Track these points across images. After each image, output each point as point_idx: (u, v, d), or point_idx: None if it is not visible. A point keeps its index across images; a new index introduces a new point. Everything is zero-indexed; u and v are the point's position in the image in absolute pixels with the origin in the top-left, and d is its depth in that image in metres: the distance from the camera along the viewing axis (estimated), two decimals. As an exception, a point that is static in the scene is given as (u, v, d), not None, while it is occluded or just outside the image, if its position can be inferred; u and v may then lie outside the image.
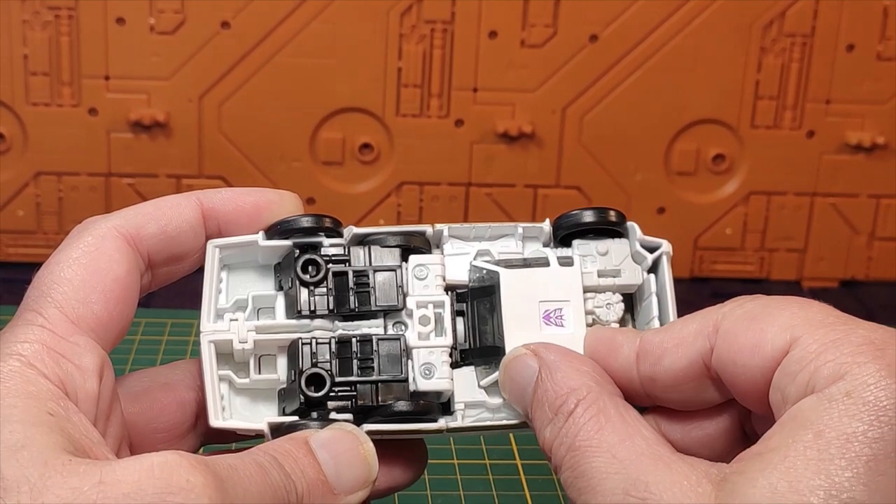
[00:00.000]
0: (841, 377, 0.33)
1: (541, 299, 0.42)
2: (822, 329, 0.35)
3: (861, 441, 0.32)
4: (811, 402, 0.33)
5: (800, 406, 0.34)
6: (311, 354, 0.41)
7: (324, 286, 0.42)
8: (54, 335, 0.38)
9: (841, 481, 0.32)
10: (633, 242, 0.43)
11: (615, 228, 0.43)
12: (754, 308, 0.38)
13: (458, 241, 0.44)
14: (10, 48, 0.87)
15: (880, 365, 0.33)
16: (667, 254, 0.43)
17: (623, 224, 0.43)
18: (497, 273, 0.42)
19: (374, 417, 0.41)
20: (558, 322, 0.42)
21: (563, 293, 0.42)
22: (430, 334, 0.42)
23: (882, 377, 0.33)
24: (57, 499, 0.32)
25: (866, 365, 0.33)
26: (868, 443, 0.32)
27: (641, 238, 0.43)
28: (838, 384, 0.33)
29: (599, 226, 0.43)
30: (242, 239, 0.43)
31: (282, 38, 0.89)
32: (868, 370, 0.33)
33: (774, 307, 0.37)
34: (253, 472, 0.36)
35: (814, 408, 0.33)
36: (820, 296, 0.95)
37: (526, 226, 0.44)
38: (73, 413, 0.36)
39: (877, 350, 0.34)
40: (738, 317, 0.38)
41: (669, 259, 0.43)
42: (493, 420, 0.42)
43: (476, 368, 0.43)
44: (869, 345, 0.34)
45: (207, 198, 0.43)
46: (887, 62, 0.92)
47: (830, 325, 0.35)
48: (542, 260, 0.43)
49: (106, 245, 0.40)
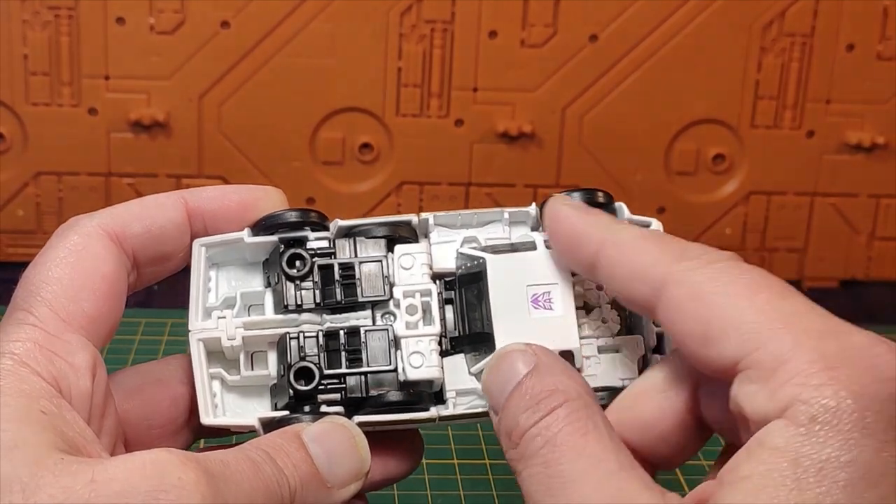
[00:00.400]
0: (803, 400, 0.33)
1: (528, 283, 0.42)
2: (777, 339, 0.34)
3: (835, 466, 0.32)
4: (778, 428, 0.33)
5: (767, 431, 0.33)
6: (298, 348, 0.42)
7: (310, 280, 0.42)
8: (46, 333, 0.38)
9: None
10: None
11: (603, 209, 0.43)
12: (700, 285, 0.36)
13: (445, 229, 0.44)
14: (10, 48, 0.87)
15: (837, 386, 0.33)
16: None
17: (611, 205, 0.44)
18: (483, 259, 0.42)
19: (365, 409, 0.41)
20: (547, 305, 0.42)
21: (551, 276, 0.42)
22: (417, 323, 0.42)
23: (841, 398, 0.32)
24: (49, 498, 0.32)
25: (823, 387, 0.33)
26: (842, 467, 0.32)
27: (630, 217, 0.43)
28: (801, 408, 0.32)
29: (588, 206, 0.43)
30: (228, 237, 0.43)
31: (282, 38, 0.89)
32: (826, 392, 0.32)
33: (720, 293, 0.36)
34: (245, 467, 0.36)
35: (781, 433, 0.33)
36: (820, 296, 0.96)
37: (512, 210, 0.44)
38: (66, 411, 0.36)
39: (832, 369, 0.33)
40: (684, 296, 0.36)
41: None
42: (484, 407, 0.42)
43: (466, 356, 0.43)
44: (824, 361, 0.33)
45: (193, 196, 0.43)
46: (887, 62, 0.92)
47: (785, 330, 0.34)
48: (529, 244, 0.43)
49: (92, 243, 0.40)
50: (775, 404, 0.33)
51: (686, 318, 0.36)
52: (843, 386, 0.33)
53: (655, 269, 0.37)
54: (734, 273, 0.36)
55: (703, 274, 0.36)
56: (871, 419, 0.32)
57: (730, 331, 0.35)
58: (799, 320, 0.35)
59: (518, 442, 0.36)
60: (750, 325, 0.35)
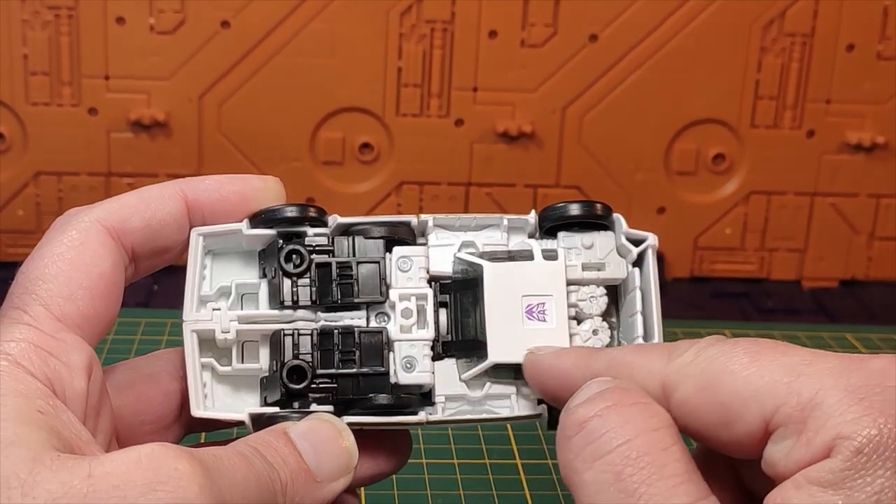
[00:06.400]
0: (844, 436, 0.32)
1: (524, 293, 0.42)
2: (797, 390, 0.33)
3: (891, 495, 0.31)
4: (825, 465, 0.32)
5: (814, 468, 0.32)
6: (292, 346, 0.42)
7: (307, 277, 0.42)
8: (41, 333, 0.38)
9: None
10: (619, 236, 0.43)
11: (601, 222, 0.43)
12: (700, 376, 0.35)
13: (443, 231, 0.44)
14: (10, 48, 0.87)
15: (874, 414, 0.32)
16: (652, 247, 0.43)
17: (609, 217, 0.43)
18: (481, 266, 0.42)
19: (354, 409, 0.42)
20: (541, 317, 0.42)
21: (547, 287, 0.42)
22: (412, 327, 0.42)
23: (881, 425, 0.32)
24: (47, 494, 0.32)
25: (861, 419, 0.32)
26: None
27: (627, 231, 0.43)
28: (844, 443, 0.32)
29: (585, 219, 0.43)
30: (226, 227, 0.42)
31: (282, 38, 0.89)
32: (865, 423, 0.32)
33: (723, 373, 0.35)
34: (237, 461, 0.36)
35: (830, 469, 0.32)
36: (820, 296, 0.96)
37: (511, 217, 0.44)
38: (62, 411, 0.36)
39: (862, 400, 0.33)
40: (689, 393, 0.35)
41: (655, 252, 0.43)
42: (472, 413, 0.43)
43: (458, 361, 0.43)
44: (852, 394, 0.33)
45: (191, 188, 0.42)
46: (887, 62, 0.92)
47: (801, 380, 0.34)
48: (527, 253, 0.43)
49: (90, 240, 0.40)
50: (816, 449, 0.32)
51: (700, 413, 0.35)
52: (879, 413, 0.32)
53: (652, 382, 0.36)
54: (727, 351, 0.35)
55: (698, 365, 0.35)
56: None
57: (746, 403, 0.34)
58: (809, 367, 0.34)
59: (578, 431, 0.34)
60: (764, 388, 0.34)
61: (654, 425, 0.34)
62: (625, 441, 0.33)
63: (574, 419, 0.35)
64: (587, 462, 0.34)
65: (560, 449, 0.35)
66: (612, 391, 0.35)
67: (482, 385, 0.42)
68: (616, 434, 0.34)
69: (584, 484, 0.34)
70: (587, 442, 0.34)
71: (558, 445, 0.35)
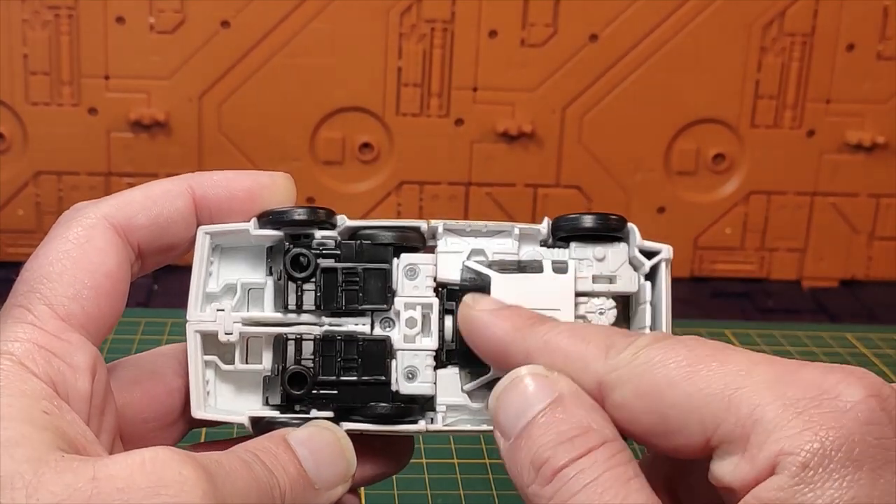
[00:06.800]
0: (788, 452, 0.32)
1: (531, 306, 0.41)
2: (736, 407, 0.34)
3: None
4: (774, 483, 0.32)
5: (763, 487, 0.33)
6: (295, 351, 0.42)
7: (312, 282, 0.42)
8: (45, 333, 0.37)
9: None
10: (632, 247, 0.42)
11: (614, 235, 0.43)
12: (639, 380, 0.35)
13: (453, 236, 0.43)
14: (10, 48, 0.87)
15: (814, 427, 0.32)
16: (666, 260, 0.42)
17: (623, 229, 0.43)
18: (489, 277, 0.42)
19: (354, 416, 0.41)
20: None
21: (555, 301, 0.41)
22: (416, 337, 0.42)
23: (823, 438, 0.32)
24: (51, 496, 0.32)
25: (802, 434, 0.32)
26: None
27: (641, 243, 0.42)
28: (788, 459, 0.32)
29: (598, 232, 0.43)
30: (234, 226, 0.42)
31: (282, 37, 0.89)
32: (806, 437, 0.32)
33: (661, 381, 0.35)
34: (237, 466, 0.36)
35: (779, 487, 0.32)
36: (820, 295, 0.96)
37: (523, 226, 0.43)
38: (66, 412, 0.36)
39: (801, 413, 0.33)
40: (628, 396, 0.36)
41: (669, 265, 0.42)
42: (473, 424, 0.42)
43: (461, 371, 0.42)
44: (790, 408, 0.33)
45: (199, 184, 0.42)
46: (887, 62, 0.92)
47: (739, 394, 0.34)
48: (536, 265, 0.42)
49: (96, 237, 0.39)
50: (761, 466, 0.33)
51: (639, 418, 0.35)
52: (819, 426, 0.32)
53: (588, 378, 0.36)
54: (667, 356, 0.35)
55: (636, 368, 0.35)
56: (858, 449, 0.32)
57: (686, 416, 0.34)
58: (746, 378, 0.34)
59: (550, 479, 0.35)
60: (703, 403, 0.34)
61: (618, 461, 0.35)
62: (591, 480, 0.34)
63: (547, 468, 0.35)
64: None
65: (530, 493, 0.36)
66: (578, 436, 0.35)
67: (484, 397, 0.42)
68: (584, 476, 0.34)
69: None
70: (558, 487, 0.35)
71: (528, 489, 0.36)
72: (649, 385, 0.35)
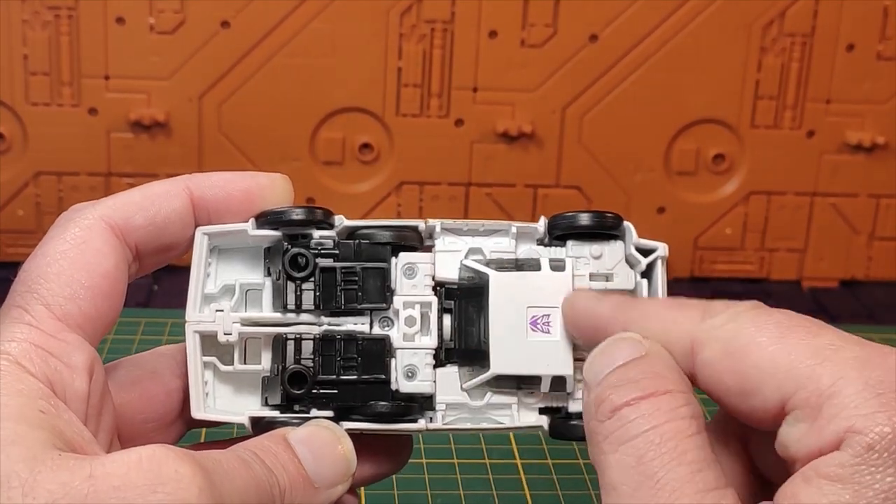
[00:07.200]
0: (857, 430, 0.32)
1: (529, 304, 0.42)
2: (817, 376, 0.34)
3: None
4: (836, 458, 0.32)
5: (824, 461, 0.33)
6: (294, 351, 0.42)
7: (311, 281, 0.42)
8: (42, 333, 0.37)
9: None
10: (629, 245, 0.43)
11: (611, 232, 0.43)
12: (729, 341, 0.36)
13: (451, 235, 0.44)
14: (10, 48, 0.87)
15: (889, 412, 0.32)
16: (662, 258, 0.42)
17: (619, 227, 0.43)
18: (487, 275, 0.42)
19: (354, 415, 0.42)
20: (545, 328, 0.42)
21: (553, 299, 0.42)
22: (415, 335, 0.42)
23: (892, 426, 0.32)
24: (48, 494, 0.32)
25: (876, 415, 0.32)
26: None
27: (637, 241, 0.43)
28: (856, 438, 0.32)
29: (595, 230, 0.43)
30: (232, 227, 0.42)
31: (282, 38, 0.89)
32: (879, 419, 0.32)
33: (750, 343, 0.35)
34: (237, 465, 0.36)
35: (840, 463, 0.32)
36: (820, 296, 0.96)
37: (520, 225, 0.43)
38: (63, 411, 0.36)
39: (879, 395, 0.33)
40: (716, 356, 0.36)
41: (664, 263, 0.43)
42: (472, 423, 0.43)
43: (460, 369, 0.43)
44: (870, 388, 0.33)
45: (197, 185, 0.42)
46: (887, 62, 0.92)
47: (823, 366, 0.34)
48: (534, 263, 0.42)
49: (94, 237, 0.39)
50: (828, 438, 0.33)
51: (722, 377, 0.36)
52: (894, 411, 0.32)
53: (682, 337, 0.37)
54: (760, 321, 0.36)
55: (728, 330, 0.36)
56: None
57: (767, 378, 0.34)
58: (834, 353, 0.34)
59: (609, 416, 0.35)
60: (786, 367, 0.34)
61: (680, 414, 0.35)
62: (651, 427, 0.34)
63: (607, 404, 0.35)
64: (614, 445, 0.35)
65: (590, 430, 0.36)
66: (645, 380, 0.35)
67: (483, 394, 0.42)
68: (645, 421, 0.35)
69: (608, 465, 0.35)
70: (617, 427, 0.35)
71: (589, 425, 0.36)
72: (739, 345, 0.35)
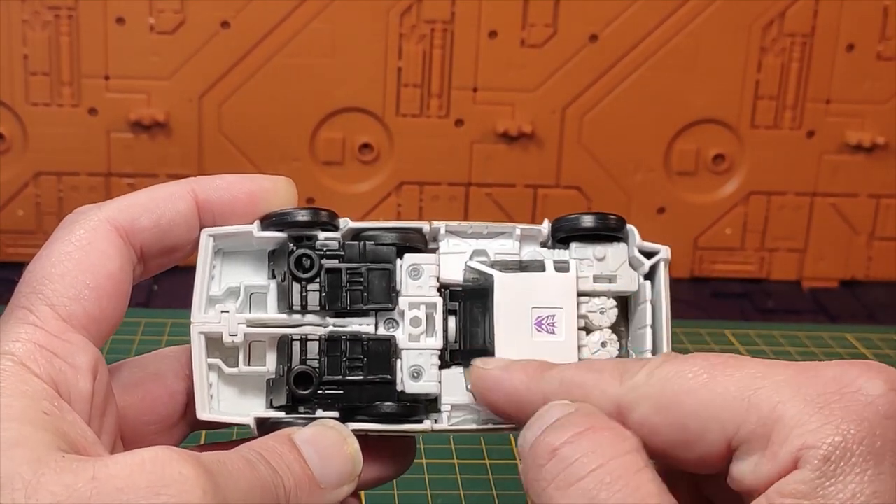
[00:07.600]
0: (810, 446, 0.32)
1: (534, 305, 0.42)
2: (756, 407, 0.34)
3: (862, 501, 0.32)
4: (795, 477, 0.33)
5: (785, 482, 0.33)
6: (300, 351, 0.42)
7: (317, 282, 0.42)
8: (47, 334, 0.37)
9: None
10: (632, 248, 0.43)
11: (614, 234, 0.43)
12: (657, 398, 0.35)
13: (455, 238, 0.44)
14: (10, 48, 0.87)
15: (836, 421, 0.33)
16: (664, 260, 0.43)
17: (622, 229, 0.43)
18: (492, 276, 0.42)
19: (360, 416, 0.42)
20: (550, 329, 0.42)
21: (557, 300, 0.42)
22: (420, 336, 0.42)
23: (844, 432, 0.32)
24: (51, 496, 0.32)
25: (824, 428, 0.32)
26: (868, 500, 0.32)
27: (640, 244, 0.43)
28: (810, 453, 0.32)
29: (598, 232, 0.43)
30: (237, 229, 0.42)
31: (282, 38, 0.89)
32: (828, 431, 0.32)
33: (678, 394, 0.35)
34: (241, 466, 0.36)
35: (801, 480, 0.32)
36: (820, 295, 0.96)
37: (524, 227, 0.44)
38: (67, 412, 0.36)
39: (822, 408, 0.33)
40: (647, 414, 0.35)
41: (667, 265, 0.43)
42: (477, 423, 0.42)
43: (465, 370, 0.43)
44: (811, 404, 0.33)
45: (202, 188, 0.42)
46: (887, 62, 0.92)
47: (759, 395, 0.34)
48: (538, 264, 0.43)
49: (98, 239, 0.39)
50: (783, 461, 0.33)
51: (660, 433, 0.35)
52: (841, 420, 0.32)
53: (606, 404, 0.36)
54: (682, 370, 0.35)
55: (653, 385, 0.36)
56: (880, 443, 0.32)
57: (708, 422, 0.34)
58: (764, 380, 0.34)
59: (550, 458, 0.34)
60: (723, 407, 0.34)
61: (625, 449, 0.34)
62: (598, 466, 0.33)
63: (545, 447, 0.35)
64: (561, 489, 0.34)
65: (531, 478, 0.35)
66: (578, 416, 0.35)
67: None
68: (589, 459, 0.34)
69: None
70: (560, 469, 0.34)
71: (528, 474, 0.35)
72: (668, 398, 0.35)
